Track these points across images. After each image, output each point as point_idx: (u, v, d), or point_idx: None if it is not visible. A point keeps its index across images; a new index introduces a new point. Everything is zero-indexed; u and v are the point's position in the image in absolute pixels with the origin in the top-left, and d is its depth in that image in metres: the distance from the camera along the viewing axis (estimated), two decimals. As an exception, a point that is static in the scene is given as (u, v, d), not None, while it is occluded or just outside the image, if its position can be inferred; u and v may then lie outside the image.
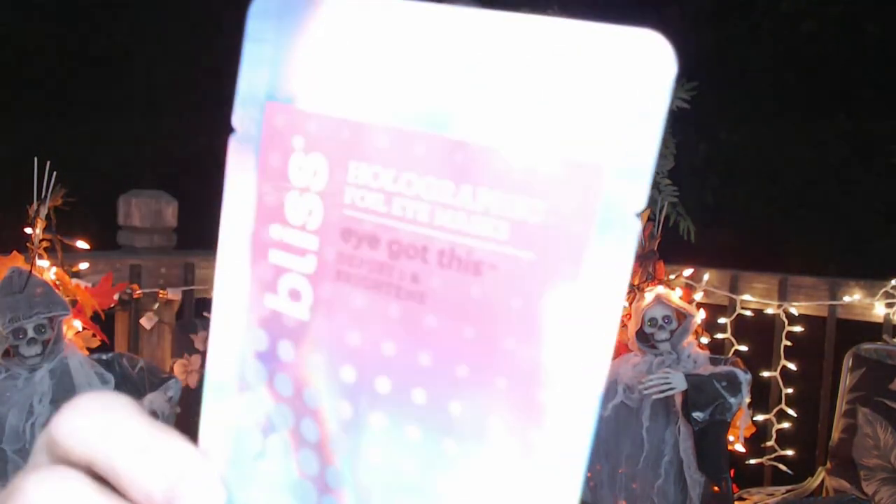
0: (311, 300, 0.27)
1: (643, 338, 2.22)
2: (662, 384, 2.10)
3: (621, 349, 2.35)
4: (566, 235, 0.23)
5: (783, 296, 2.64)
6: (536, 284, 0.24)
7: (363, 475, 0.27)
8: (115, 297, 2.09)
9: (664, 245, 2.38)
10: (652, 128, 0.23)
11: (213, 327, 0.29)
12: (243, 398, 0.28)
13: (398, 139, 0.25)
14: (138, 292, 2.23)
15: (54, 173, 1.93)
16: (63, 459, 0.27)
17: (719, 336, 2.67)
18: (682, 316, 2.22)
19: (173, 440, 0.26)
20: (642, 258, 2.31)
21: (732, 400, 2.09)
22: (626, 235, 0.23)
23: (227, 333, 0.28)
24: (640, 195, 0.23)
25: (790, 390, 2.65)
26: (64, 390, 1.85)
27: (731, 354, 2.56)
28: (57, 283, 1.94)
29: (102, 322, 2.05)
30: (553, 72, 0.23)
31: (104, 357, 1.94)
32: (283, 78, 0.27)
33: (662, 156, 2.91)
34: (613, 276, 0.23)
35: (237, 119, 0.28)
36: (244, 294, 0.28)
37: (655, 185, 2.88)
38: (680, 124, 2.99)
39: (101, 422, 0.27)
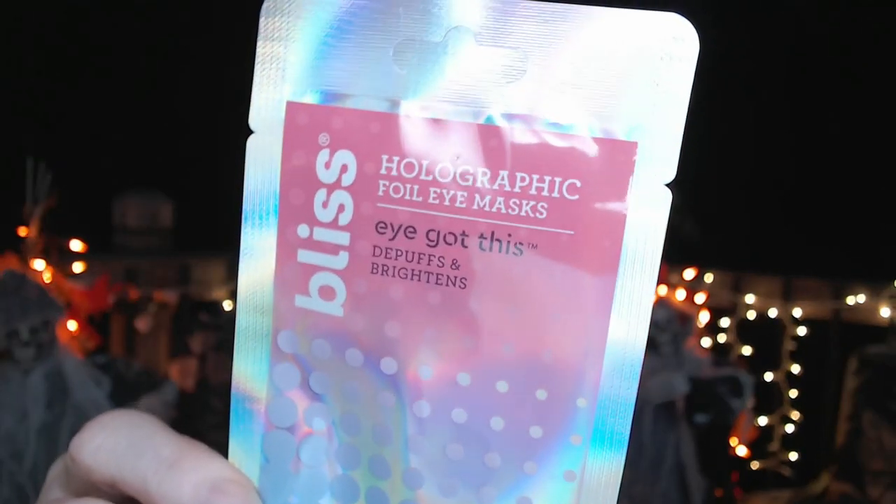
0: (344, 296, 0.27)
1: (645, 340, 2.20)
2: (664, 387, 2.09)
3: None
4: (603, 210, 0.24)
5: (787, 298, 2.63)
6: (577, 260, 0.25)
7: (411, 461, 0.27)
8: (111, 299, 2.07)
9: (666, 246, 2.36)
10: (679, 101, 0.24)
11: (238, 334, 0.28)
12: (273, 404, 0.28)
13: (430, 129, 0.26)
14: (134, 295, 2.22)
15: (49, 174, 1.91)
16: (84, 482, 0.27)
17: (722, 338, 2.66)
18: (685, 318, 2.20)
19: (204, 453, 0.26)
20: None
21: (735, 403, 2.08)
22: (660, 205, 0.24)
23: (255, 339, 0.28)
24: (669, 166, 0.24)
25: (794, 393, 2.64)
26: (59, 393, 1.84)
27: (733, 357, 2.55)
28: (52, 285, 1.92)
29: (97, 324, 2.04)
30: (584, 54, 0.24)
31: (99, 360, 1.93)
32: (301, 75, 0.27)
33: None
34: (650, 244, 0.25)
35: (255, 119, 0.27)
36: (270, 297, 0.28)
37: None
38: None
39: (126, 438, 0.26)
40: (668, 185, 0.24)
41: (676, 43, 0.24)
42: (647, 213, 0.24)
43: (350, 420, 0.28)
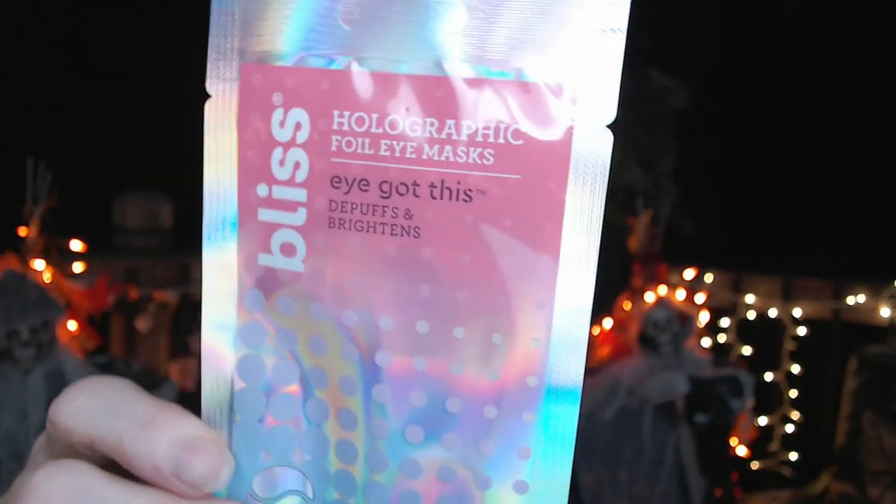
0: (304, 252, 0.27)
1: (645, 340, 2.20)
2: (664, 387, 2.09)
3: (623, 352, 2.34)
4: (548, 152, 0.25)
5: (787, 298, 2.63)
6: (525, 203, 0.25)
7: (377, 411, 0.27)
8: (111, 299, 2.07)
9: (666, 246, 2.36)
10: (615, 44, 0.24)
11: (205, 295, 0.29)
12: (243, 362, 0.29)
13: (379, 83, 0.26)
14: (134, 294, 2.22)
15: (49, 174, 1.91)
16: (64, 445, 0.27)
17: (722, 338, 2.66)
18: (685, 318, 2.20)
19: (178, 412, 0.27)
20: (644, 259, 2.30)
21: (735, 403, 2.08)
22: (602, 146, 0.25)
23: (221, 299, 0.29)
24: (609, 107, 0.25)
25: (794, 393, 2.64)
26: (58, 393, 1.84)
27: (733, 357, 2.54)
28: (52, 285, 1.92)
29: (97, 324, 2.04)
30: (520, 4, 0.25)
31: (99, 360, 1.93)
32: (254, 37, 0.27)
33: (665, 156, 2.90)
34: (595, 184, 0.25)
35: (211, 84, 0.28)
36: (235, 258, 0.28)
37: (658, 186, 2.86)
38: (683, 124, 2.97)
39: (103, 400, 0.27)
40: (608, 126, 0.25)
41: None
42: (590, 154, 0.25)
43: (318, 374, 0.28)
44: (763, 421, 2.63)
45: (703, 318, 2.37)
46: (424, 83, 0.26)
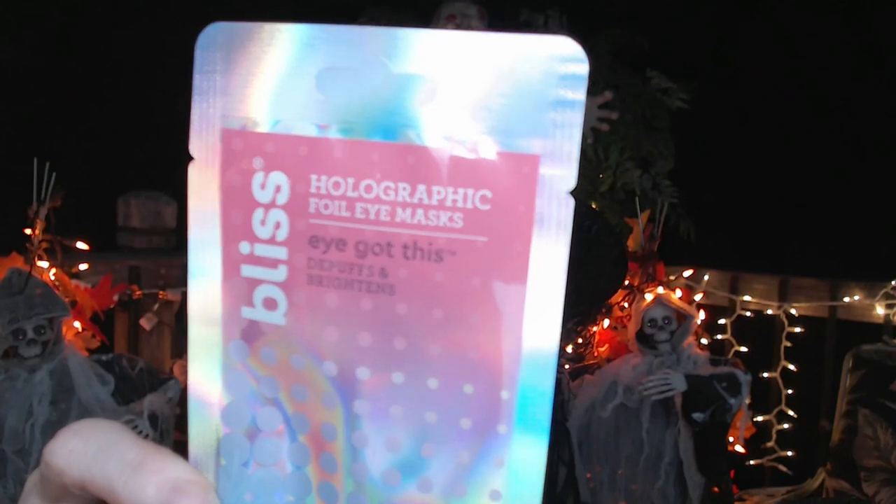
0: (285, 306, 0.29)
1: (643, 339, 2.21)
2: (662, 385, 2.10)
3: (622, 350, 2.35)
4: (513, 217, 0.27)
5: (783, 297, 2.64)
6: (492, 263, 0.27)
7: (355, 455, 0.29)
8: (115, 297, 2.08)
9: (664, 246, 2.38)
10: (575, 116, 0.26)
11: (191, 345, 0.30)
12: (228, 409, 0.30)
13: (354, 150, 0.28)
14: (138, 293, 2.23)
15: (54, 174, 1.92)
16: (57, 486, 0.28)
17: (719, 337, 2.67)
18: (683, 317, 2.22)
19: (167, 456, 0.28)
20: (642, 259, 2.31)
21: (732, 401, 2.09)
22: (563, 212, 0.26)
23: (207, 349, 0.30)
24: (570, 176, 0.26)
25: (790, 391, 2.65)
26: (63, 391, 1.85)
27: (731, 355, 2.56)
28: (56, 284, 1.93)
29: (102, 323, 2.05)
30: (489, 76, 0.26)
31: (104, 358, 1.94)
32: (235, 104, 0.29)
33: (663, 157, 2.91)
34: (557, 245, 0.27)
35: (194, 147, 0.29)
36: (219, 309, 0.30)
37: (656, 186, 2.87)
38: (680, 125, 2.99)
39: (96, 443, 0.28)
40: (570, 193, 0.26)
41: (569, 63, 0.26)
42: (552, 218, 0.27)
43: (299, 420, 0.30)
44: (760, 418, 2.64)
45: (701, 316, 2.38)
46: (397, 150, 0.27)
